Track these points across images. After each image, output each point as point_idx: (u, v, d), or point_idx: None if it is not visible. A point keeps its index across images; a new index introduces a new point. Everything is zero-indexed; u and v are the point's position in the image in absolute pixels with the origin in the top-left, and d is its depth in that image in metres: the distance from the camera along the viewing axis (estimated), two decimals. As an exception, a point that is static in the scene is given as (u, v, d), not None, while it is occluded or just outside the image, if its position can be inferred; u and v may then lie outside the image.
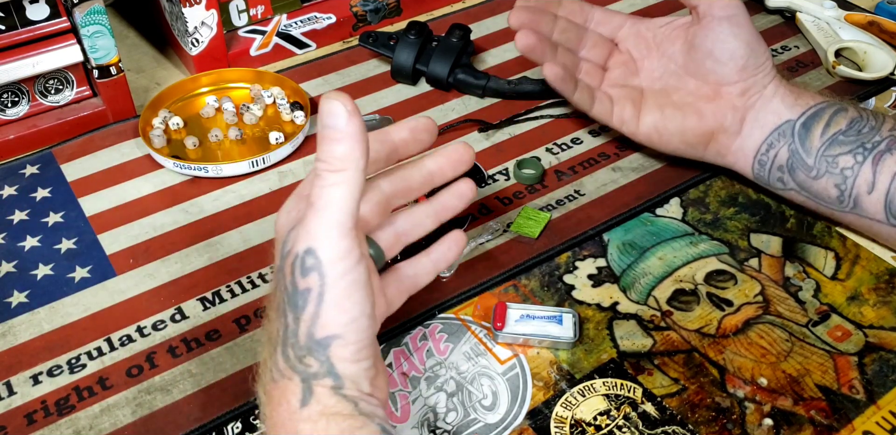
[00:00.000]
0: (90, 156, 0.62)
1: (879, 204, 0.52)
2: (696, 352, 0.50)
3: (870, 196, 0.52)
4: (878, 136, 0.53)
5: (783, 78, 0.57)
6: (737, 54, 0.55)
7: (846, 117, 0.54)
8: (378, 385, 0.40)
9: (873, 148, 0.52)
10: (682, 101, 0.57)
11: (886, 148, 0.52)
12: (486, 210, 0.58)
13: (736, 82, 0.56)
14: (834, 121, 0.54)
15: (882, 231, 0.53)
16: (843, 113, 0.54)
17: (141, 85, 0.70)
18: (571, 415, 0.46)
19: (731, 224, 0.58)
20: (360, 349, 0.38)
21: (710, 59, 0.56)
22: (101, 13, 0.59)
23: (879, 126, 0.53)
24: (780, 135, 0.55)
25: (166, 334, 0.50)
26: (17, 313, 0.52)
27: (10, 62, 0.58)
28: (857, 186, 0.53)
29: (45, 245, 0.56)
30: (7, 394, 0.47)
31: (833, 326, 0.51)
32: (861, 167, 0.52)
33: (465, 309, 0.52)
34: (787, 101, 0.55)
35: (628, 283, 0.54)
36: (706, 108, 0.56)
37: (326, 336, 0.37)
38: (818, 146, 0.54)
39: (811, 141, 0.54)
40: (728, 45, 0.55)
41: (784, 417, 0.46)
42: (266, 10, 0.71)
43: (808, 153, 0.54)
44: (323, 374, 0.37)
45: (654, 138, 0.58)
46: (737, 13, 0.55)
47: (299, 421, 0.37)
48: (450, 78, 0.67)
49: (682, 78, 0.58)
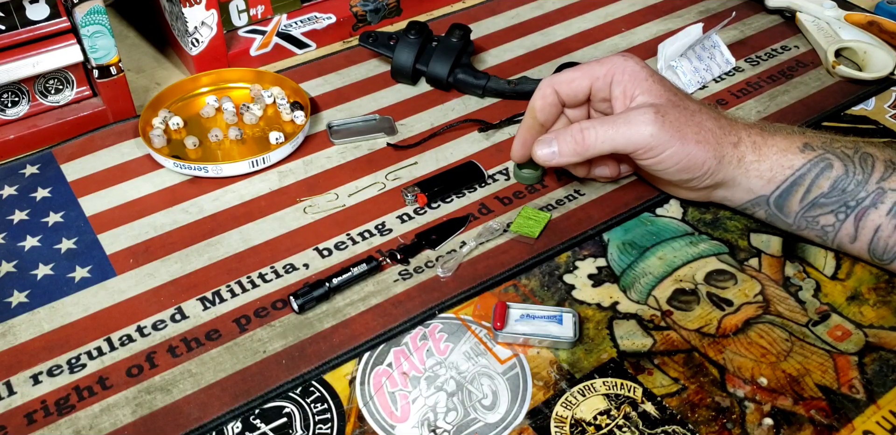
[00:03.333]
0: (90, 156, 0.62)
1: (863, 251, 0.52)
2: (696, 351, 0.50)
3: (852, 245, 0.52)
4: (863, 191, 0.51)
5: (754, 142, 0.52)
6: (680, 178, 0.53)
7: (830, 178, 0.51)
8: None
9: (857, 205, 0.51)
10: (653, 178, 0.58)
11: (871, 203, 0.51)
12: (486, 210, 0.59)
13: (702, 188, 0.54)
14: (816, 185, 0.52)
15: (869, 262, 0.54)
16: (828, 172, 0.51)
17: (141, 85, 0.70)
18: (571, 414, 0.46)
19: (731, 224, 0.58)
20: None
21: (660, 180, 0.57)
22: (101, 13, 0.59)
23: (867, 178, 0.51)
24: (755, 204, 0.54)
25: (166, 334, 0.50)
26: (17, 313, 0.52)
27: (10, 62, 0.58)
28: (838, 238, 0.53)
29: (45, 245, 0.56)
30: (7, 394, 0.47)
31: (833, 326, 0.51)
32: (842, 224, 0.52)
33: (465, 309, 0.52)
34: (762, 179, 0.53)
35: (628, 282, 0.54)
36: (680, 191, 0.57)
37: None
38: (797, 210, 0.53)
39: (789, 207, 0.53)
40: (665, 177, 0.54)
41: (784, 417, 0.46)
42: (266, 10, 0.71)
43: (787, 216, 0.53)
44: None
45: (657, 179, 0.58)
46: (655, 161, 0.52)
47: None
48: (450, 78, 0.67)
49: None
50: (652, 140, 0.50)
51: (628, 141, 0.51)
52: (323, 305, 0.52)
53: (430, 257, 0.55)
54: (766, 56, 0.73)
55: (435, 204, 0.59)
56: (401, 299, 0.52)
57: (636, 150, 0.51)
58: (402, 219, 0.58)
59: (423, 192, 0.58)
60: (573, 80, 0.54)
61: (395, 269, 0.54)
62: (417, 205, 0.59)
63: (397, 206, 0.59)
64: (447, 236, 0.56)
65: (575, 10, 0.79)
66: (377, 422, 0.46)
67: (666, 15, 0.78)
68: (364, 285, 0.53)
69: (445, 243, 0.56)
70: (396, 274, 0.54)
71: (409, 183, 0.60)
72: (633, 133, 0.50)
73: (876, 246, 0.51)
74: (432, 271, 0.54)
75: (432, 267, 0.54)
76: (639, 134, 0.50)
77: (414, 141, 0.64)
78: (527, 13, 0.78)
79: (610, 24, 0.77)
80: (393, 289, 0.53)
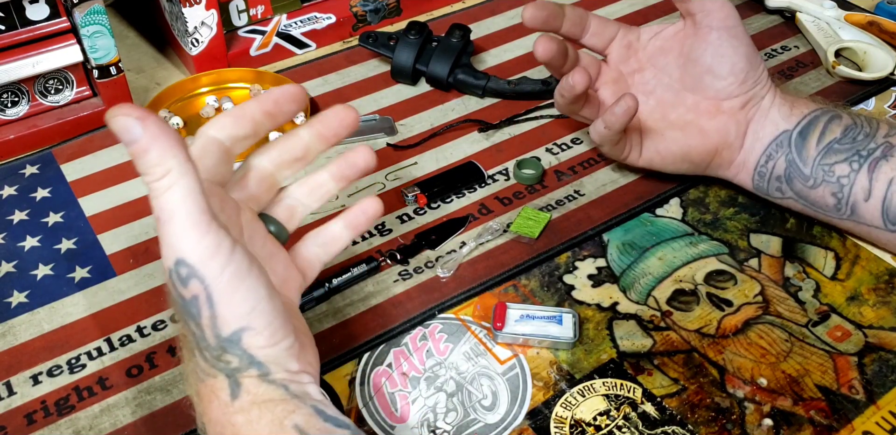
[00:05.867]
0: (90, 156, 0.62)
1: (876, 211, 0.52)
2: (695, 352, 0.50)
3: (867, 203, 0.52)
4: (872, 142, 0.52)
5: (776, 86, 0.56)
6: (737, 68, 0.53)
7: (840, 125, 0.53)
8: (307, 359, 0.40)
9: (869, 155, 0.52)
10: (681, 120, 0.56)
11: (882, 155, 0.52)
12: (486, 210, 0.59)
13: (736, 96, 0.54)
14: (829, 129, 0.53)
15: (881, 237, 0.53)
16: (838, 120, 0.54)
17: (141, 85, 0.70)
18: (571, 415, 0.46)
19: (730, 224, 0.58)
20: (273, 332, 0.38)
21: (710, 75, 0.54)
22: (100, 13, 0.59)
23: (874, 132, 0.53)
24: (778, 146, 0.54)
25: (166, 334, 0.50)
26: (17, 313, 0.52)
27: (10, 62, 0.58)
28: (853, 194, 0.52)
29: (45, 245, 0.56)
30: (7, 394, 0.47)
31: (833, 327, 0.51)
32: (857, 175, 0.52)
33: (465, 309, 0.52)
34: (783, 111, 0.54)
35: (628, 283, 0.54)
36: (708, 124, 0.55)
37: (233, 332, 0.37)
38: (814, 155, 0.53)
39: (807, 150, 0.53)
40: (728, 60, 0.53)
41: (784, 418, 0.46)
42: (266, 10, 0.71)
43: (805, 163, 0.53)
44: (245, 366, 0.37)
45: (657, 161, 0.57)
46: (735, 24, 0.53)
47: (233, 413, 0.37)
48: (450, 78, 0.67)
49: (678, 93, 0.56)
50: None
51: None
52: (322, 305, 0.52)
53: (430, 258, 0.55)
54: (765, 56, 0.73)
55: (435, 204, 0.59)
56: (400, 300, 0.52)
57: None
58: (402, 219, 0.58)
59: (422, 192, 0.58)
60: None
61: (394, 269, 0.54)
62: (417, 205, 0.59)
63: (397, 206, 0.59)
64: (447, 237, 0.56)
65: (575, 10, 0.79)
66: (377, 422, 0.46)
67: (666, 15, 0.78)
68: (364, 286, 0.53)
69: (445, 244, 0.56)
70: (396, 274, 0.54)
71: (408, 183, 0.60)
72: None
73: (890, 203, 0.51)
74: (432, 272, 0.54)
75: (432, 267, 0.54)
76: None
77: (414, 141, 0.64)
78: (527, 13, 0.78)
79: (610, 25, 0.77)
80: (393, 289, 0.53)
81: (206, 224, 0.35)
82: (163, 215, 0.35)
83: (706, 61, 0.54)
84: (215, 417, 0.38)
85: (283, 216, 0.44)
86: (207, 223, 0.35)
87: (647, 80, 0.57)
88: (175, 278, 0.36)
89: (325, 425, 0.37)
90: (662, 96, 0.56)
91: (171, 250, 0.36)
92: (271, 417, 0.37)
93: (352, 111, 0.44)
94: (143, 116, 0.34)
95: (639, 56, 0.57)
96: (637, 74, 0.57)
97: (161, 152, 0.34)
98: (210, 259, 0.36)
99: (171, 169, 0.34)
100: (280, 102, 0.42)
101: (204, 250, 0.35)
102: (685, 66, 0.55)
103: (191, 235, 0.35)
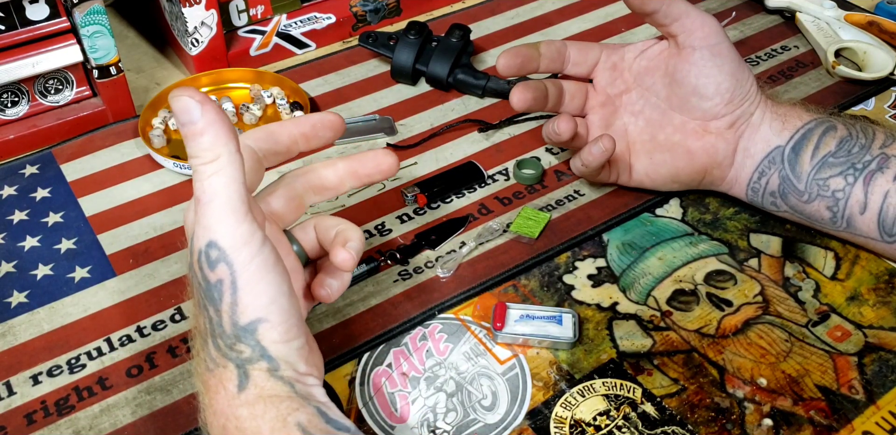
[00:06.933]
0: (90, 156, 0.62)
1: (873, 223, 0.52)
2: (695, 352, 0.50)
3: (862, 216, 0.52)
4: (868, 154, 0.52)
5: (767, 98, 0.54)
6: (722, 88, 0.52)
7: (835, 137, 0.52)
8: (314, 363, 0.40)
9: (864, 168, 0.51)
10: (669, 141, 0.55)
11: (877, 167, 0.51)
12: (485, 210, 0.59)
13: (724, 116, 0.53)
14: (823, 142, 0.52)
15: (877, 247, 0.53)
16: (832, 132, 0.53)
17: (141, 85, 0.70)
18: (571, 415, 0.46)
19: (730, 224, 0.58)
20: (287, 329, 0.38)
21: (695, 96, 0.53)
22: (100, 13, 0.59)
23: (869, 143, 0.52)
24: (771, 162, 0.53)
25: (166, 334, 0.50)
26: (17, 313, 0.52)
27: (10, 62, 0.58)
28: (849, 207, 0.52)
29: (45, 245, 0.56)
30: (7, 394, 0.47)
31: (833, 327, 0.51)
32: (852, 188, 0.52)
33: (465, 309, 0.52)
34: (774, 126, 0.53)
35: (628, 283, 0.54)
36: (696, 145, 0.54)
37: (251, 321, 0.37)
38: (808, 170, 0.52)
39: (801, 166, 0.53)
40: (713, 80, 0.52)
41: (784, 418, 0.46)
42: (266, 10, 0.71)
43: (799, 178, 0.53)
44: (256, 358, 0.38)
45: (647, 183, 0.57)
46: (719, 41, 0.52)
47: (238, 406, 0.38)
48: (450, 78, 0.67)
49: (665, 112, 0.55)
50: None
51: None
52: (322, 305, 0.52)
53: (430, 258, 0.55)
54: (765, 56, 0.73)
55: (434, 204, 0.59)
56: (400, 300, 0.52)
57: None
58: (402, 219, 0.58)
59: (422, 192, 0.58)
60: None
61: (394, 269, 0.54)
62: (417, 205, 0.59)
63: (397, 206, 0.59)
64: (447, 237, 0.56)
65: (575, 10, 0.79)
66: (377, 422, 0.46)
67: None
68: (363, 286, 0.53)
69: (445, 244, 0.56)
70: (396, 274, 0.54)
71: (408, 183, 0.60)
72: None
73: (886, 216, 0.51)
74: (432, 272, 0.54)
75: (432, 267, 0.54)
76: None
77: (414, 141, 0.64)
78: (527, 13, 0.78)
79: (610, 24, 0.77)
80: (392, 289, 0.53)
81: (243, 214, 0.37)
82: (203, 197, 0.36)
83: (691, 82, 0.53)
84: (220, 408, 0.38)
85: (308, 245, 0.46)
86: (245, 213, 0.37)
87: (634, 100, 0.57)
88: (203, 260, 0.37)
89: (326, 427, 0.38)
90: (650, 116, 0.56)
91: (206, 232, 0.37)
92: (275, 413, 0.37)
93: (390, 158, 0.46)
94: (204, 101, 0.36)
95: (625, 76, 0.57)
96: (625, 95, 0.57)
97: (214, 138, 0.36)
98: (243, 246, 0.37)
99: (220, 155, 0.36)
100: (318, 127, 0.45)
101: (238, 237, 0.37)
102: (671, 86, 0.54)
103: (229, 220, 0.36)
